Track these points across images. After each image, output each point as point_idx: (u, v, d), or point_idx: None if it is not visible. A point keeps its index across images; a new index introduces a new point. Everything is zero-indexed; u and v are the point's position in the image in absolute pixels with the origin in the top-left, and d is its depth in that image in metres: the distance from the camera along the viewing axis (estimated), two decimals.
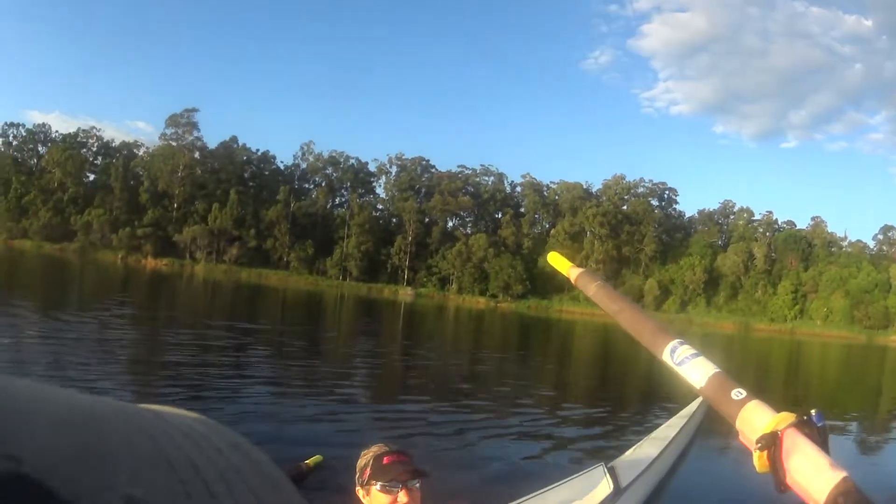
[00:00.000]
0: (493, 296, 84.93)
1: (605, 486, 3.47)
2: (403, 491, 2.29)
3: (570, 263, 1.41)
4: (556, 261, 1.50)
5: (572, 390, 13.50)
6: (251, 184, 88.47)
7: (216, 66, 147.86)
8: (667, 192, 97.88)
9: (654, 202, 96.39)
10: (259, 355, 13.55)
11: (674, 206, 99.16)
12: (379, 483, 2.28)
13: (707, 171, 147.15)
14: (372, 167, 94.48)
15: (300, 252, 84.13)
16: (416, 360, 16.34)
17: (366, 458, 2.40)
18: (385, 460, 2.33)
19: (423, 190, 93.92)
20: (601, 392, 13.46)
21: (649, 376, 14.43)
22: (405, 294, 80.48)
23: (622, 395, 14.00)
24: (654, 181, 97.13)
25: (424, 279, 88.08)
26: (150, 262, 79.70)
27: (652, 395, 13.14)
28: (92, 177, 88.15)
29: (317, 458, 4.44)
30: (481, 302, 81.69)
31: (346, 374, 11.94)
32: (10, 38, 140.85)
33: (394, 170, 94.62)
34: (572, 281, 1.45)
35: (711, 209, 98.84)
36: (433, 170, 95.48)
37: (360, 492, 2.37)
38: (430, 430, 7.94)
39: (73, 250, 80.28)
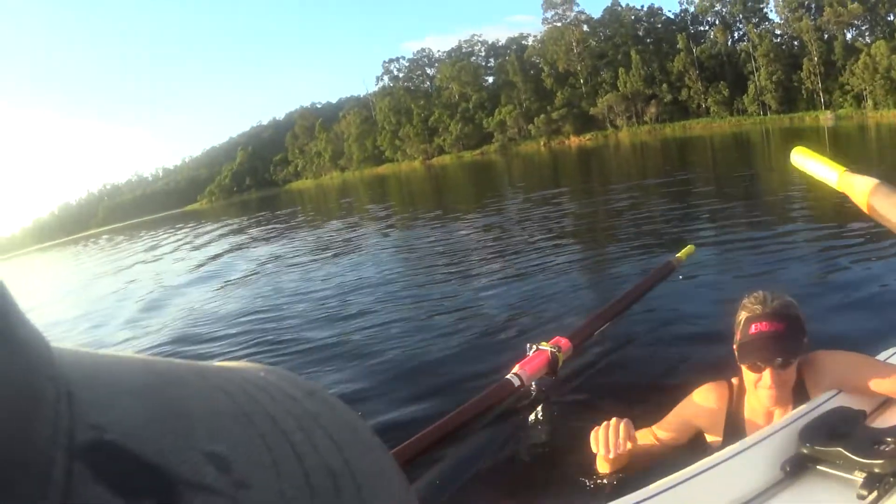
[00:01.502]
0: None
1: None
2: (769, 371, 1.87)
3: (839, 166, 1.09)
4: (809, 159, 1.08)
5: None
6: (648, 40, 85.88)
7: None
8: None
9: None
10: (702, 200, 12.50)
11: None
12: (741, 361, 1.92)
13: None
14: None
15: (716, 95, 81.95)
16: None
17: (740, 315, 1.96)
18: (753, 329, 1.88)
19: (813, 6, 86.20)
20: None
21: None
22: (825, 119, 75.33)
23: None
24: None
25: (840, 100, 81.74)
26: (574, 141, 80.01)
27: None
28: (490, 80, 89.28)
29: (689, 248, 3.47)
30: None
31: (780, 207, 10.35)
32: None
33: None
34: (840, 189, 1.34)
35: None
36: None
37: (735, 350, 1.96)
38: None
39: (493, 151, 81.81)
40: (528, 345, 1.98)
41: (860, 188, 1.92)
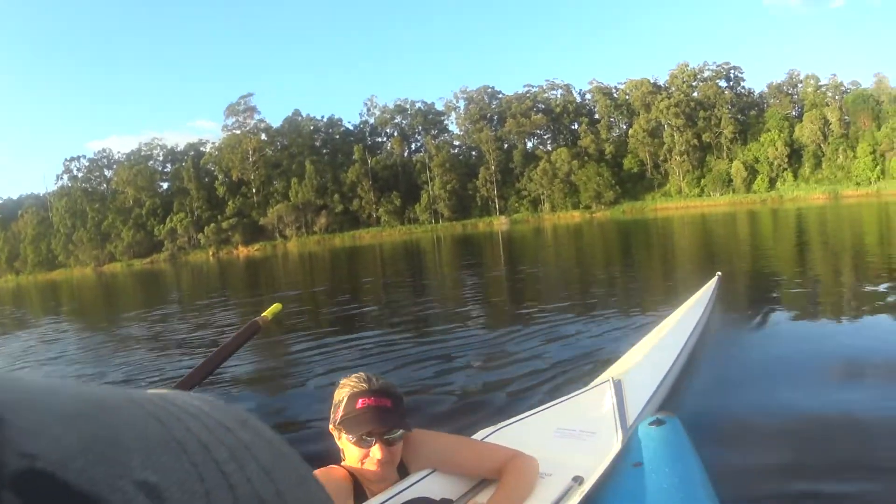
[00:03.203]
0: (587, 207, 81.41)
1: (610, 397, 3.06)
2: (378, 445, 1.86)
3: None
4: None
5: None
6: (324, 151, 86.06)
7: (260, 48, 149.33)
8: (732, 70, 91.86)
9: (722, 83, 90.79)
10: (368, 310, 12.26)
11: (742, 84, 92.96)
12: (349, 434, 1.85)
13: (765, 45, 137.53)
14: (439, 106, 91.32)
15: (387, 205, 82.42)
16: (518, 282, 15.07)
17: (340, 393, 1.92)
18: (359, 403, 1.86)
19: (495, 117, 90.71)
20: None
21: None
22: (500, 223, 78.26)
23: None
24: (718, 63, 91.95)
25: (516, 204, 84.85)
26: (243, 251, 78.37)
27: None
28: (165, 185, 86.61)
29: (275, 307, 3.09)
30: (576, 216, 77.90)
31: (454, 311, 10.65)
32: (54, 78, 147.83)
33: (461, 104, 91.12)
34: None
35: (779, 81, 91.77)
36: (500, 95, 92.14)
37: (332, 431, 1.93)
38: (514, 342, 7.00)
39: (163, 260, 79.51)
40: None
41: None
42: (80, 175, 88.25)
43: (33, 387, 0.24)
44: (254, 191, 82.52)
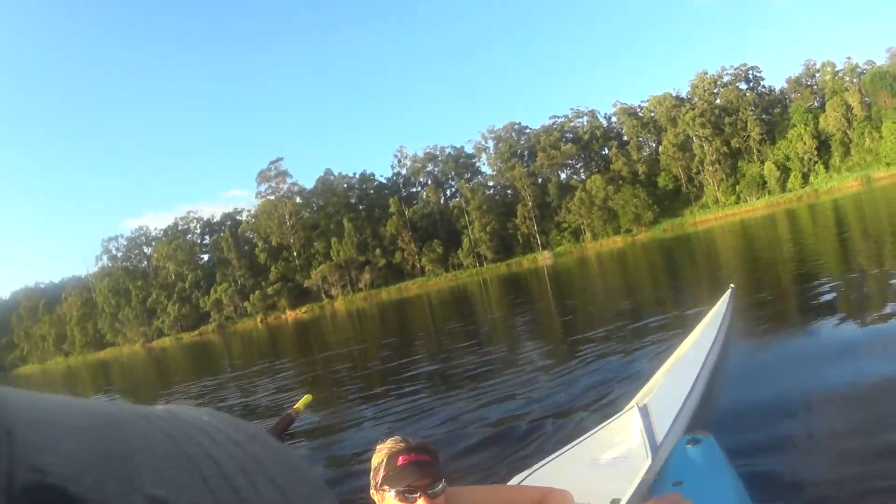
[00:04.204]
0: (628, 230, 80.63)
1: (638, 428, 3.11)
2: (422, 498, 1.90)
3: None
4: None
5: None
6: (360, 207, 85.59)
7: (285, 112, 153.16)
8: (750, 71, 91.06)
9: (743, 86, 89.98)
10: (423, 363, 12.32)
11: (762, 83, 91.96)
12: (393, 490, 1.90)
13: (777, 39, 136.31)
14: (469, 149, 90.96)
15: (430, 254, 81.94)
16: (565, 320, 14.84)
17: (379, 456, 2.00)
18: (400, 461, 1.93)
19: (526, 153, 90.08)
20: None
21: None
22: (544, 259, 76.94)
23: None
24: (735, 66, 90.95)
25: (557, 237, 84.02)
26: (290, 315, 78.11)
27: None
28: (205, 257, 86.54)
29: (306, 398, 3.28)
30: (618, 241, 77.44)
31: (499, 355, 10.74)
32: (85, 161, 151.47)
33: (490, 144, 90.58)
34: None
35: (797, 74, 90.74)
36: (527, 130, 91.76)
37: (374, 495, 1.97)
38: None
39: (211, 331, 79.26)
40: None
41: None
42: (119, 254, 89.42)
43: (44, 402, 0.24)
44: (295, 254, 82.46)
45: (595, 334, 9.69)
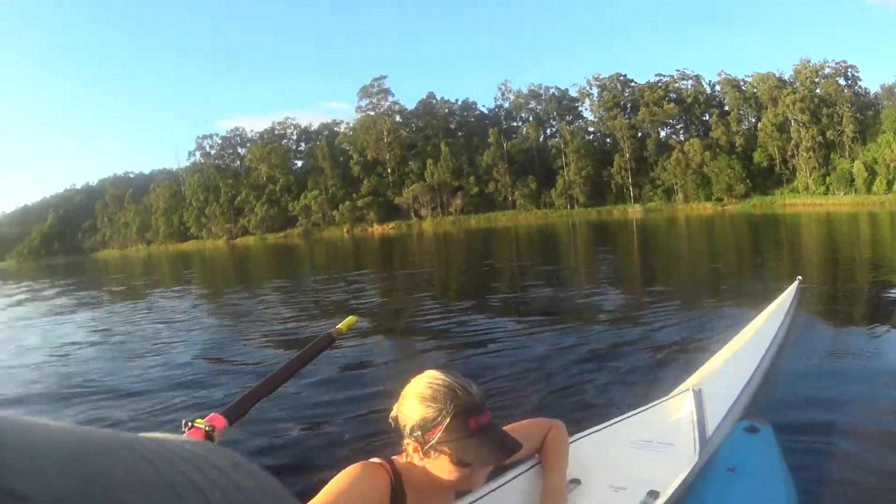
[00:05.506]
0: (719, 199, 79.11)
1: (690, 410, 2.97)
2: (483, 473, 1.67)
3: None
4: None
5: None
6: (459, 134, 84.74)
7: (393, 32, 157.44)
8: (849, 69, 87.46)
9: (841, 81, 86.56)
10: (497, 296, 11.98)
11: (858, 83, 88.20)
12: (453, 456, 1.56)
13: (873, 45, 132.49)
14: (573, 93, 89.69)
15: (523, 189, 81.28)
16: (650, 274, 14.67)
17: (434, 407, 1.57)
18: (472, 424, 1.56)
19: (629, 105, 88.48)
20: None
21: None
22: (634, 212, 76.04)
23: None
24: (836, 60, 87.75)
25: (650, 193, 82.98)
26: (377, 229, 78.30)
27: None
28: (299, 163, 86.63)
29: (350, 319, 2.81)
30: (708, 207, 76.31)
31: (576, 302, 10.39)
32: (184, 55, 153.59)
33: (595, 91, 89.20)
34: None
35: (889, 83, 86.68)
36: (632, 84, 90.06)
37: (413, 447, 1.61)
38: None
39: (297, 235, 79.31)
40: (183, 421, 1.70)
41: None
42: (212, 152, 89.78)
43: (26, 427, 0.23)
44: (389, 170, 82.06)
45: (670, 301, 9.19)
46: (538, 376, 5.61)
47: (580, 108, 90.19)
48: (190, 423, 1.73)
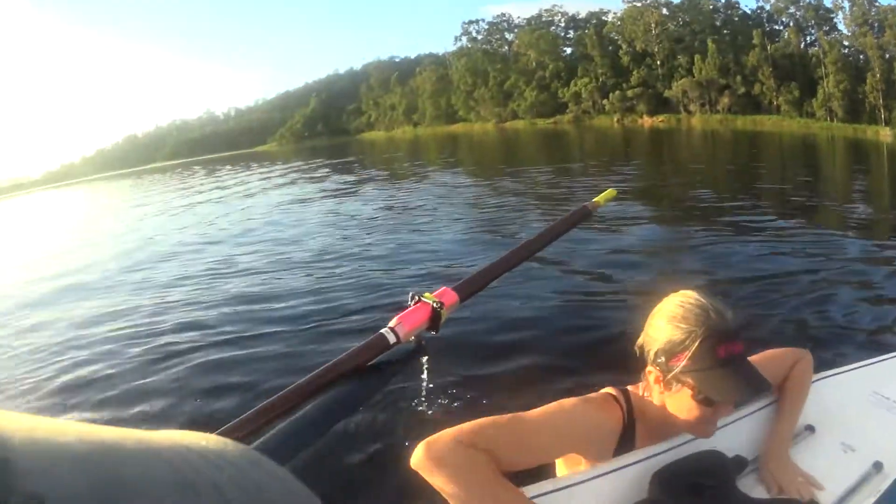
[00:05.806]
0: None
1: None
2: (728, 409, 1.45)
3: None
4: None
5: None
6: (725, 31, 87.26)
7: None
8: None
9: None
10: (758, 208, 11.67)
11: None
12: (710, 393, 1.35)
13: None
14: (827, 3, 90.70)
15: (787, 95, 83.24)
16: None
17: (683, 328, 1.36)
18: (721, 352, 1.33)
19: (876, 24, 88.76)
20: None
21: None
22: (885, 135, 76.41)
23: None
24: None
25: None
26: (647, 121, 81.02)
27: None
28: (568, 50, 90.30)
29: (609, 192, 2.31)
30: None
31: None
32: None
33: (846, 4, 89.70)
34: None
35: None
36: (877, 3, 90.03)
37: (651, 375, 1.44)
38: None
39: (567, 121, 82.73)
40: (410, 294, 1.62)
41: None
42: (479, 37, 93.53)
43: (41, 427, 0.23)
44: (658, 63, 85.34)
45: None
46: (801, 301, 5.23)
47: (835, 20, 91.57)
48: (417, 297, 1.53)
